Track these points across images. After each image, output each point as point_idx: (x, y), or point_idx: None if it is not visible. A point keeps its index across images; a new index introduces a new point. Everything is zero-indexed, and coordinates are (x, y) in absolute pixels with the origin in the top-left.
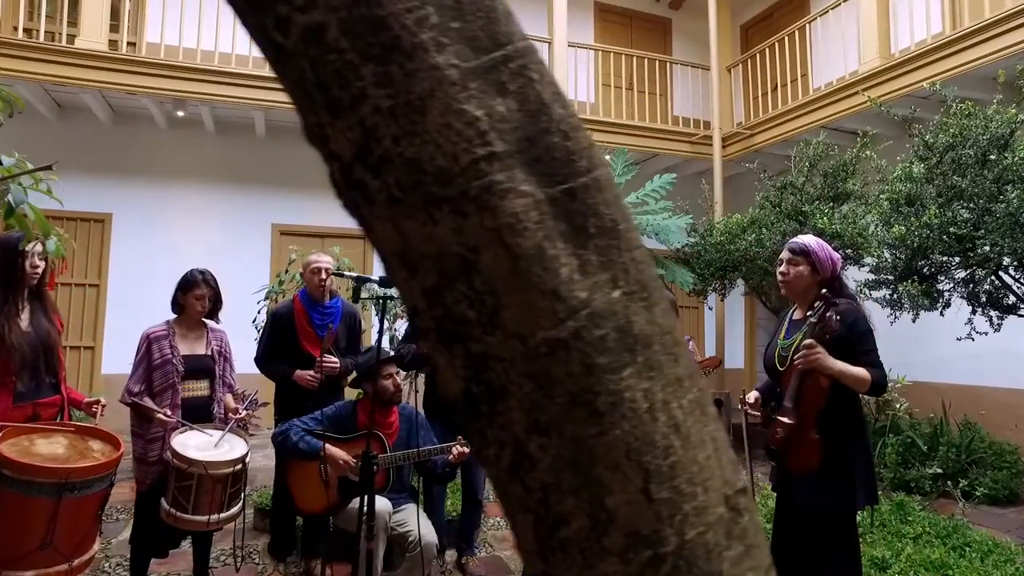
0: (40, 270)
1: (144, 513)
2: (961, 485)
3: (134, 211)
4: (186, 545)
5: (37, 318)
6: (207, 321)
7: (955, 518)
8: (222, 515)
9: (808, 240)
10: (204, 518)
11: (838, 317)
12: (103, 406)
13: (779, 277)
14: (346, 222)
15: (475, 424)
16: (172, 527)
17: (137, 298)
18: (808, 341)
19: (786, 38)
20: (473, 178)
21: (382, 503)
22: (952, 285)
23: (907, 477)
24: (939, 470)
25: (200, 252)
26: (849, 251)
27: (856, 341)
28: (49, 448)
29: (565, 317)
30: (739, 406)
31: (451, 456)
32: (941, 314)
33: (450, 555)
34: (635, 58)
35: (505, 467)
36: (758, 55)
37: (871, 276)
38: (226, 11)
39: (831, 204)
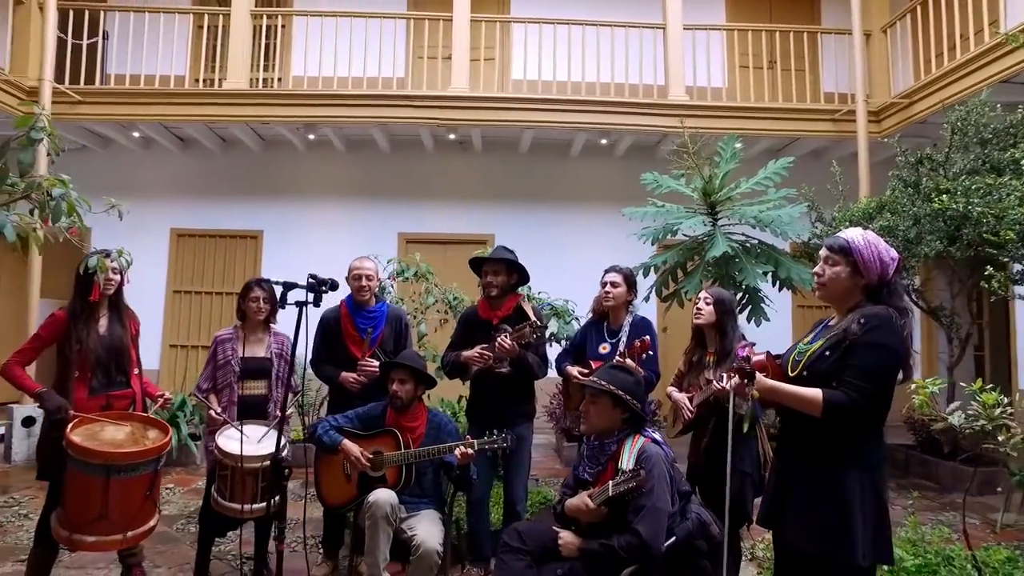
0: (115, 282)
1: (207, 495)
2: None
3: (281, 227)
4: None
5: (113, 324)
6: (273, 327)
7: None
8: (254, 506)
9: (852, 235)
10: (238, 506)
11: (862, 320)
12: (167, 400)
13: (815, 279)
14: (465, 228)
15: None
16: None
17: (286, 306)
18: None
19: None
20: None
21: (385, 495)
22: None
23: None
24: None
25: (335, 261)
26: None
27: (860, 349)
28: (111, 435)
29: None
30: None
31: (456, 456)
32: None
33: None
34: (777, 33)
35: None
36: (930, 5)
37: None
38: (344, 40)
39: (987, 178)
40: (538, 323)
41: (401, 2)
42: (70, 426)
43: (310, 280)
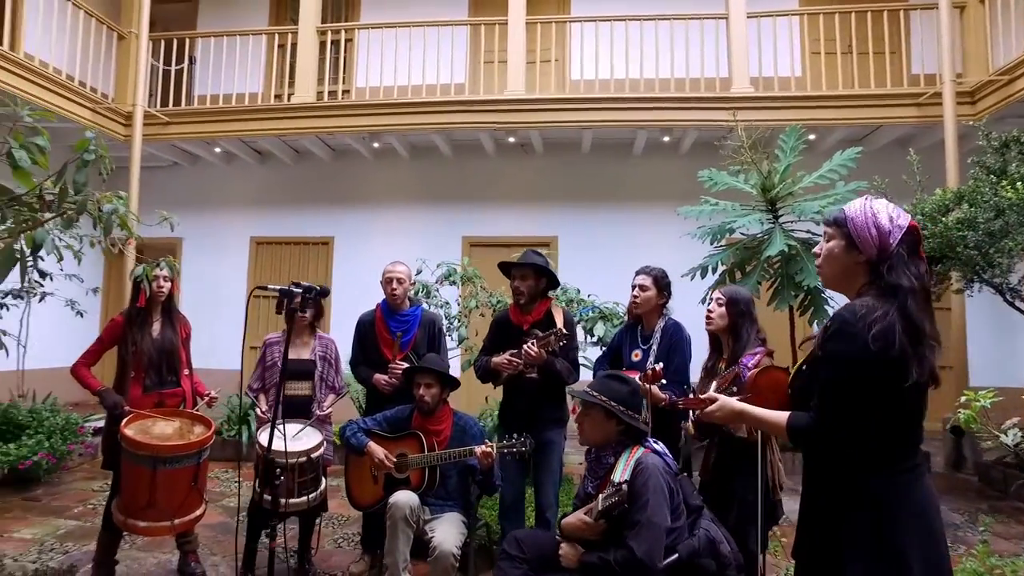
0: (166, 289)
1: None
2: None
3: (350, 233)
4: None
5: (165, 328)
6: (319, 331)
7: None
8: (292, 500)
9: (851, 205)
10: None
11: (828, 323)
12: (214, 398)
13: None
14: (528, 231)
15: None
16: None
17: (355, 309)
18: (708, 395)
19: None
20: None
21: (404, 497)
22: None
23: None
24: None
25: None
26: None
27: (820, 362)
28: (160, 429)
29: None
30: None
31: (476, 457)
32: None
33: None
34: (852, 15)
35: None
36: None
37: None
38: (408, 50)
39: None
40: (563, 331)
41: (462, 9)
42: (125, 421)
43: (292, 287)
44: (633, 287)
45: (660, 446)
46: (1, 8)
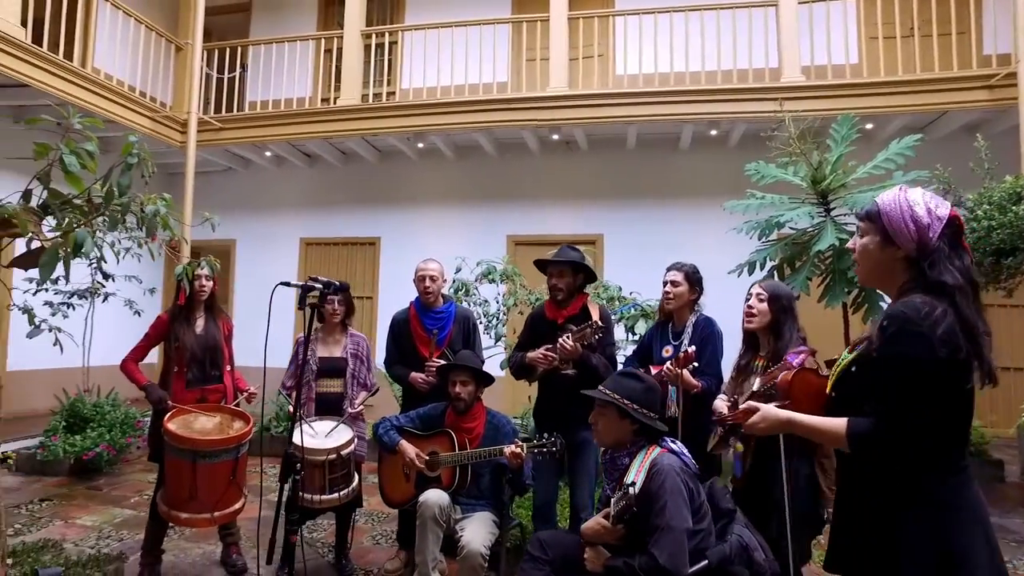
0: (207, 287)
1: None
2: None
3: (396, 233)
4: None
5: (208, 325)
6: (350, 328)
7: None
8: (323, 497)
9: (884, 197)
10: (308, 496)
11: (884, 322)
12: (253, 394)
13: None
14: (573, 229)
15: None
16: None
17: (401, 307)
18: (747, 405)
19: None
20: None
21: (434, 496)
22: None
23: None
24: None
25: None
26: None
27: (880, 363)
28: (201, 424)
29: None
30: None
31: (507, 457)
32: None
33: None
34: None
35: None
36: None
37: None
38: (453, 50)
39: None
40: (599, 324)
41: (505, 8)
42: (168, 415)
43: (310, 281)
44: (665, 283)
45: (677, 445)
46: (73, 26)
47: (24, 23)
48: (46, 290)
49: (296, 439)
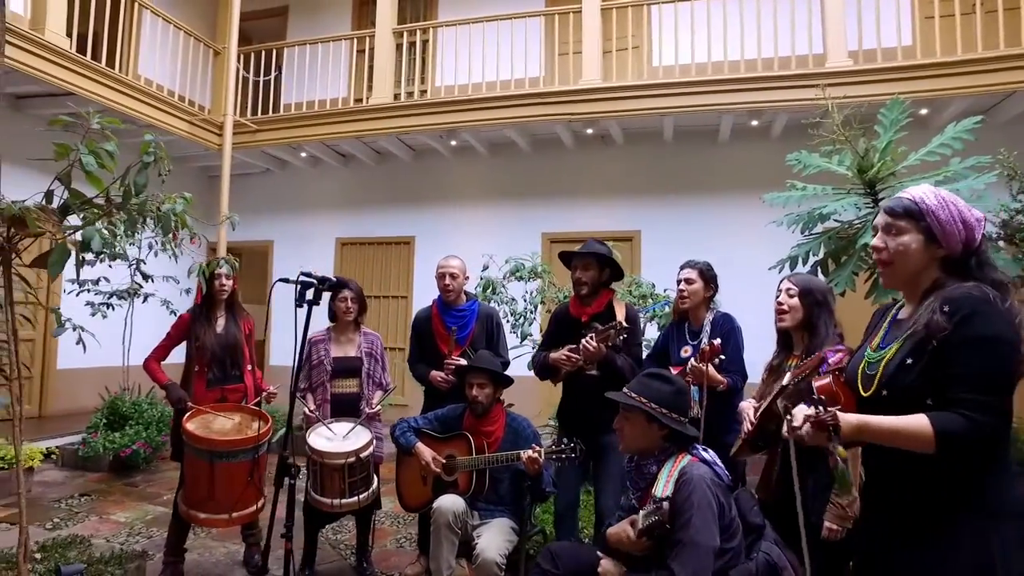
0: (227, 287)
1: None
2: None
3: (430, 232)
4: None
5: (229, 324)
6: (364, 327)
7: None
8: (343, 501)
9: (919, 193)
10: (328, 500)
11: (946, 308)
12: (272, 394)
13: (874, 255)
14: (610, 226)
15: None
16: None
17: None
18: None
19: None
20: None
21: (448, 502)
22: None
23: None
24: None
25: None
26: None
27: (959, 350)
28: (221, 424)
29: None
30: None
31: (524, 462)
32: None
33: None
34: None
35: None
36: None
37: None
38: (487, 46)
39: None
40: (623, 323)
41: (538, 1)
42: (187, 415)
43: (302, 277)
44: (679, 281)
45: (710, 454)
46: (116, 35)
47: (69, 34)
48: (88, 291)
49: (312, 442)
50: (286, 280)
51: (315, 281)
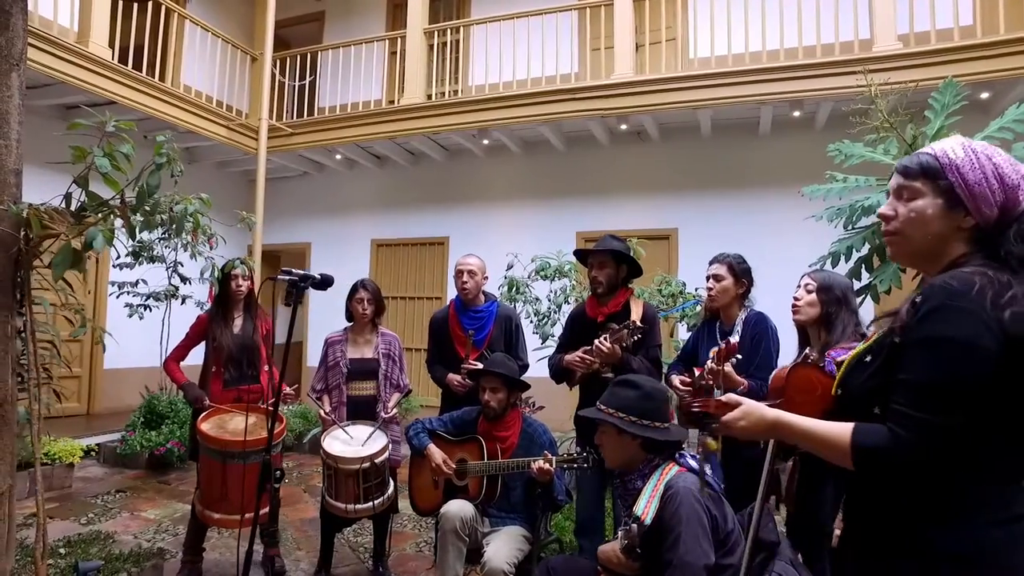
0: (244, 288)
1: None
2: None
3: (465, 232)
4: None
5: (246, 324)
6: (381, 327)
7: None
8: (358, 506)
9: (947, 146)
10: (343, 505)
11: (917, 299)
12: (290, 394)
13: (883, 225)
14: (646, 224)
15: None
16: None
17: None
18: (727, 396)
19: None
20: None
21: (455, 508)
22: None
23: None
24: None
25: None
26: None
27: (909, 351)
28: (236, 424)
29: None
30: None
31: (534, 471)
32: None
33: None
34: None
35: None
36: None
37: None
38: (518, 43)
39: None
40: (636, 323)
41: None
42: (203, 415)
43: (283, 273)
44: (707, 278)
45: (697, 461)
46: (154, 44)
47: (112, 46)
48: (127, 292)
49: (327, 446)
50: (273, 279)
51: (296, 278)
